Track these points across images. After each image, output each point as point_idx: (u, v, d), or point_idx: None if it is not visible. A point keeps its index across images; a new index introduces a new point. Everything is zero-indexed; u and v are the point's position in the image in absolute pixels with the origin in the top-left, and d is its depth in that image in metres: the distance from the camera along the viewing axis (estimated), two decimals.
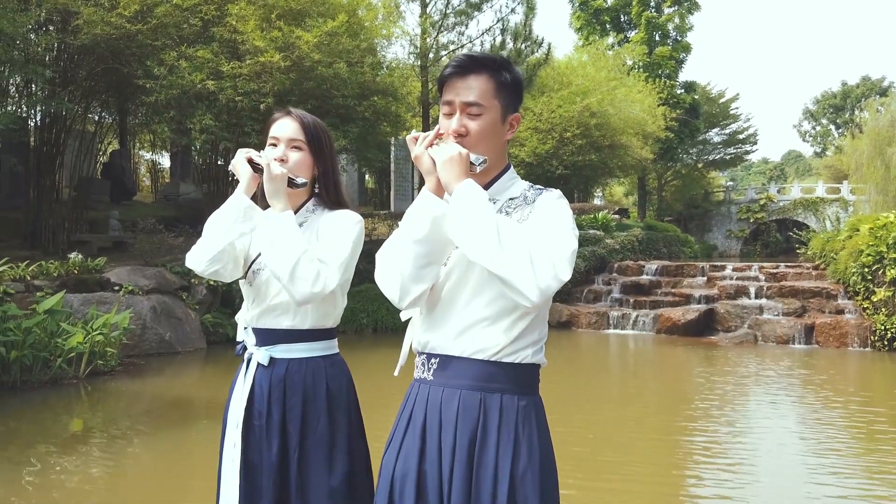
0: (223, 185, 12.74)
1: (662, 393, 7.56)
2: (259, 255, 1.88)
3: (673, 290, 12.86)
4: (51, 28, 10.51)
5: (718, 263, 13.98)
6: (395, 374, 1.68)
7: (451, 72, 1.53)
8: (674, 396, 7.19)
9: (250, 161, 1.85)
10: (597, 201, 30.50)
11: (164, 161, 26.43)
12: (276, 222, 1.74)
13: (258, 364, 1.88)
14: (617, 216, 20.56)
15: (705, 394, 7.05)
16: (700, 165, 36.63)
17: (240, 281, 1.97)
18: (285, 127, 1.89)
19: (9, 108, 11.49)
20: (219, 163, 12.77)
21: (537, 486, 1.44)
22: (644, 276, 13.82)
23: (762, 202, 33.09)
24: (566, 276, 1.38)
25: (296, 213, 1.90)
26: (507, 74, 1.55)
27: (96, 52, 10.34)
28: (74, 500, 4.01)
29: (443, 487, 1.47)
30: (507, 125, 1.58)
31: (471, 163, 1.46)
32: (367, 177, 25.52)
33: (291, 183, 1.81)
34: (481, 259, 1.36)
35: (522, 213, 1.52)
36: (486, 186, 1.55)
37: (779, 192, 34.52)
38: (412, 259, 1.44)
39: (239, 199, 1.84)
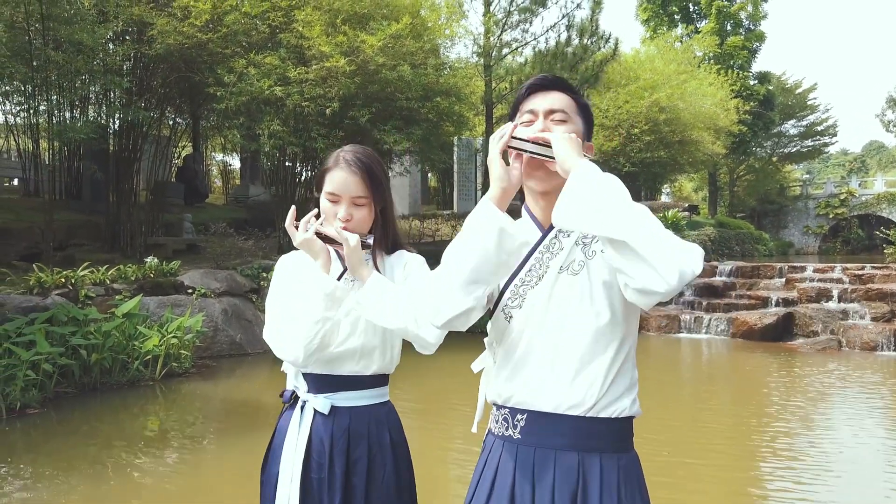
0: (291, 188, 12.96)
1: (738, 402, 7.22)
2: None
3: (749, 293, 12.33)
4: (127, 38, 10.89)
5: (797, 264, 13.32)
6: (473, 430, 1.58)
7: (533, 83, 1.50)
8: (750, 406, 6.85)
9: (319, 234, 1.72)
10: (664, 198, 29.67)
11: (235, 162, 27.26)
12: (373, 289, 1.68)
13: (315, 413, 1.76)
14: (686, 213, 19.96)
15: (784, 405, 6.69)
16: (775, 159, 35.12)
17: None
18: (346, 183, 1.74)
19: (90, 116, 12.00)
20: (286, 164, 13.00)
21: None
22: (717, 278, 13.31)
23: (842, 197, 31.52)
24: (699, 269, 1.23)
25: None
26: (585, 100, 1.53)
27: (170, 61, 10.67)
28: (151, 500, 4.10)
29: None
30: (586, 148, 1.48)
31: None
32: (429, 175, 25.57)
33: (365, 244, 1.73)
34: (618, 232, 1.20)
35: (597, 245, 1.40)
36: None
37: (860, 185, 32.80)
38: (458, 270, 1.34)
39: (325, 285, 1.68)
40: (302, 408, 1.78)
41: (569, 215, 1.25)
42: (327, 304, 1.67)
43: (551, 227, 1.42)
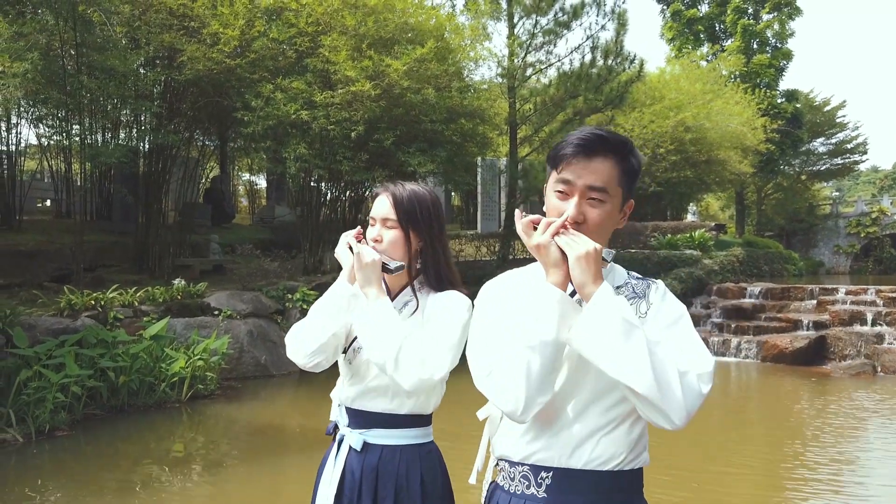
0: (316, 209, 13.05)
1: (770, 432, 7.05)
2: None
3: (779, 315, 12.09)
4: (157, 64, 11.12)
5: (829, 286, 13.04)
6: (471, 481, 1.53)
7: (573, 151, 1.36)
8: (783, 435, 6.68)
9: (351, 248, 1.79)
10: (690, 217, 29.35)
11: (261, 182, 27.63)
12: (371, 312, 1.66)
13: (350, 448, 1.79)
14: (713, 232, 19.73)
15: (819, 435, 6.51)
16: (803, 177, 34.61)
17: (339, 356, 1.88)
18: (380, 205, 1.82)
19: (121, 140, 12.24)
20: (312, 186, 13.12)
21: None
22: (746, 300, 13.09)
23: (874, 215, 30.90)
24: (708, 389, 1.27)
25: (398, 293, 1.83)
26: (634, 160, 1.40)
27: (199, 86, 10.85)
28: None
29: None
30: (623, 213, 1.43)
31: (602, 258, 1.31)
32: (452, 193, 25.60)
33: (385, 268, 1.74)
34: (625, 378, 1.22)
35: (638, 306, 1.39)
36: None
37: (892, 203, 32.12)
38: (540, 365, 1.26)
39: (342, 288, 1.76)
40: (340, 442, 1.82)
41: (584, 347, 1.26)
42: (338, 305, 1.74)
43: None
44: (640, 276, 1.46)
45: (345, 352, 1.85)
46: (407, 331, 1.65)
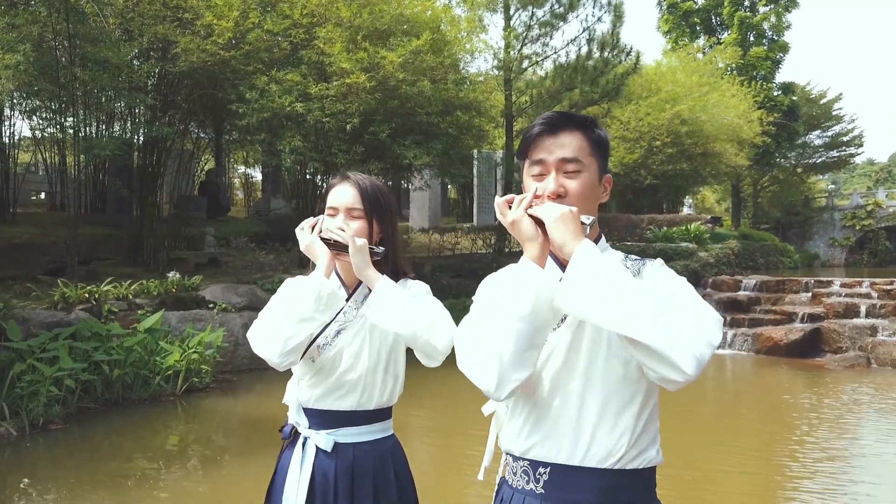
0: (311, 201, 13.02)
1: (764, 424, 7.07)
2: (326, 327, 1.74)
3: (774, 308, 12.13)
4: (151, 56, 11.05)
5: (824, 279, 13.07)
6: (480, 477, 1.51)
7: (539, 130, 1.38)
8: (778, 426, 6.70)
9: (323, 239, 1.73)
10: (686, 210, 29.35)
11: (257, 174, 27.54)
12: (385, 291, 1.65)
13: (317, 450, 1.73)
14: (709, 225, 19.75)
15: (813, 427, 6.53)
16: (799, 170, 34.63)
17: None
18: (344, 194, 1.77)
19: (115, 132, 12.18)
20: (307, 178, 13.08)
21: None
22: (741, 292, 13.11)
23: (869, 208, 30.97)
24: (717, 339, 1.20)
25: (356, 288, 1.80)
26: (599, 131, 1.41)
27: (193, 78, 10.79)
28: None
29: None
30: (602, 187, 1.43)
31: (581, 222, 1.29)
32: (449, 187, 25.56)
33: (373, 252, 1.73)
34: (623, 328, 1.15)
35: None
36: None
37: (887, 196, 32.21)
38: (513, 340, 1.22)
39: (320, 286, 1.65)
40: (303, 445, 1.75)
41: (574, 304, 1.20)
42: (317, 305, 1.65)
43: None
44: (636, 257, 1.44)
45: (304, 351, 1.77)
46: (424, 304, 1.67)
